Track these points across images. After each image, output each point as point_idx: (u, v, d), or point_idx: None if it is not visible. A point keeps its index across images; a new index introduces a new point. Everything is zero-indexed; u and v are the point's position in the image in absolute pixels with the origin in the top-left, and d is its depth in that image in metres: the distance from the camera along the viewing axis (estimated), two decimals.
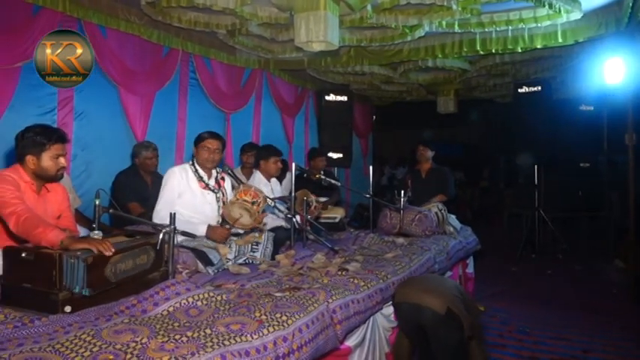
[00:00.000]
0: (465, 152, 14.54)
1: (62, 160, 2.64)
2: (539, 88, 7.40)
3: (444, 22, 5.18)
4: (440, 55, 6.11)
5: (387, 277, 3.09)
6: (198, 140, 3.50)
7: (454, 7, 4.73)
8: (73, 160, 4.56)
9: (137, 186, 4.41)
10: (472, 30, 5.38)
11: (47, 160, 2.58)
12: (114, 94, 4.96)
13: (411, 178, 5.70)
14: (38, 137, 2.56)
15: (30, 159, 2.57)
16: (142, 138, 5.06)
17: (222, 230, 3.31)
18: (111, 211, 2.76)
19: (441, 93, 8.98)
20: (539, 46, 5.50)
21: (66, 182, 3.83)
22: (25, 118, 3.91)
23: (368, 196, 4.61)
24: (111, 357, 1.67)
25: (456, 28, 5.31)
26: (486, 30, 5.36)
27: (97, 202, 2.63)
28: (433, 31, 5.50)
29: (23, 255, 2.19)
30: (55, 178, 2.68)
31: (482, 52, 5.85)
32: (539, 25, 5.11)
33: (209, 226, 3.31)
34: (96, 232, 2.44)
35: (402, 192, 4.48)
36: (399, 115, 11.83)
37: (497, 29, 5.32)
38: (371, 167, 4.98)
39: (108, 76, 4.82)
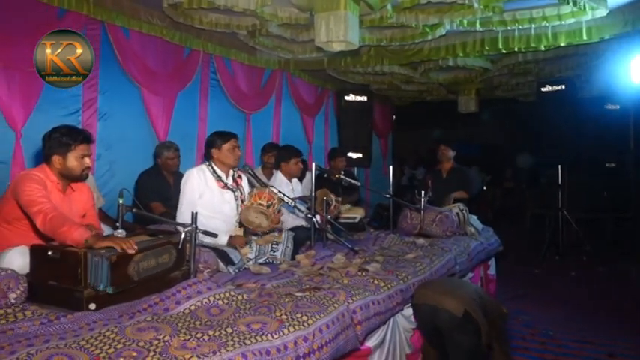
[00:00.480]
0: (483, 152, 14.36)
1: (87, 160, 2.69)
2: (564, 86, 7.27)
3: (465, 21, 5.12)
4: (461, 54, 6.05)
5: (407, 278, 3.07)
6: (222, 141, 3.47)
7: (476, 5, 4.68)
8: (97, 160, 4.65)
9: (159, 186, 4.47)
10: (494, 28, 5.31)
11: (73, 160, 2.64)
12: (137, 94, 5.04)
13: (431, 178, 5.66)
14: (64, 138, 2.61)
15: (56, 159, 2.62)
16: (164, 138, 5.13)
17: (242, 239, 3.35)
18: (134, 210, 2.81)
19: (461, 92, 8.89)
20: (563, 44, 5.40)
21: (90, 182, 3.90)
22: (51, 119, 3.99)
23: (388, 196, 4.59)
24: (134, 354, 1.69)
25: (478, 27, 5.25)
26: (509, 28, 5.29)
27: (121, 202, 2.68)
28: (454, 30, 5.45)
29: (49, 253, 2.24)
30: (81, 177, 2.73)
31: (504, 51, 5.77)
32: (563, 22, 5.02)
33: (230, 237, 3.33)
34: (119, 230, 2.48)
35: (423, 192, 4.44)
36: (419, 114, 11.74)
37: (520, 27, 5.24)
38: (391, 167, 4.95)
39: (131, 77, 4.90)
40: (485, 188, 11.77)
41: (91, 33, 4.53)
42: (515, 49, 5.68)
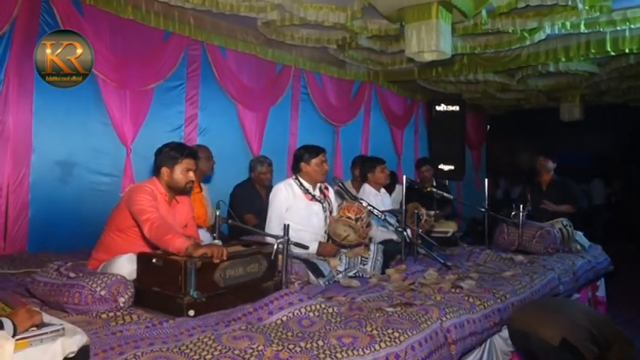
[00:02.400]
0: (592, 162, 13.32)
1: (191, 174, 2.86)
2: None
3: (567, 23, 4.84)
4: (563, 59, 5.74)
5: (505, 297, 2.92)
6: (311, 155, 3.50)
7: (580, 6, 4.39)
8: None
9: (252, 199, 4.63)
10: (601, 29, 4.97)
11: (179, 172, 2.82)
12: (233, 110, 5.30)
13: (530, 190, 5.35)
14: (172, 152, 2.82)
15: (165, 171, 2.82)
16: (258, 152, 5.33)
17: (332, 247, 3.36)
18: (230, 221, 2.93)
19: (564, 99, 8.43)
20: None
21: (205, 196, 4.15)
22: (157, 134, 4.30)
23: (483, 209, 4.40)
24: None
25: (582, 29, 4.93)
26: (618, 28, 4.93)
27: (217, 213, 2.82)
28: (555, 34, 5.16)
29: (153, 261, 2.41)
30: (185, 190, 2.91)
31: (613, 53, 5.40)
32: None
33: (320, 243, 3.36)
34: (216, 241, 2.60)
35: (521, 206, 4.21)
36: (515, 124, 11.22)
37: (632, 27, 4.84)
38: (486, 180, 4.75)
39: (227, 93, 5.16)
40: (612, 202, 10.90)
41: (192, 53, 4.86)
42: (626, 51, 5.28)
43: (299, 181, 3.54)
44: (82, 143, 4.17)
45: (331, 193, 3.70)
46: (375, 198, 4.29)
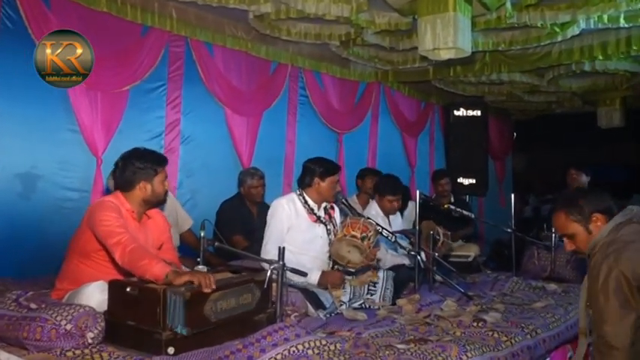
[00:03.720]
0: (630, 176, 13.32)
1: (167, 182, 2.94)
2: None
3: (605, 16, 4.89)
4: (600, 57, 5.79)
5: (536, 332, 2.92)
6: (327, 172, 3.49)
7: None
8: (179, 187, 4.93)
9: (242, 217, 4.63)
10: None
11: (158, 184, 2.87)
12: (220, 115, 5.32)
13: None
14: (147, 164, 2.84)
15: (143, 186, 2.83)
16: (249, 163, 5.34)
17: (337, 275, 3.35)
18: (216, 244, 2.94)
19: (602, 103, 8.47)
20: None
21: (172, 204, 4.16)
22: (133, 143, 4.25)
23: (509, 230, 4.40)
24: None
25: (622, 22, 4.98)
26: None
27: (202, 234, 2.82)
28: (590, 28, 5.20)
29: (128, 289, 2.40)
30: (163, 201, 2.99)
31: None
32: None
33: (323, 273, 3.35)
34: (200, 266, 2.60)
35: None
36: (545, 131, 11.24)
37: None
38: (512, 196, 4.76)
39: (214, 96, 5.19)
40: None
41: (174, 50, 4.89)
42: None
43: (304, 198, 3.54)
44: (47, 154, 4.17)
45: (337, 214, 3.70)
46: (383, 220, 4.29)
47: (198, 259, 2.87)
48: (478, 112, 8.26)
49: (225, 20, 5.24)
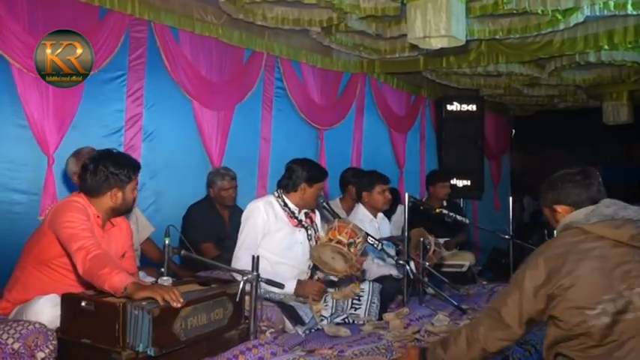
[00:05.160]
0: None
1: (137, 190, 2.99)
2: None
3: (611, 3, 4.96)
4: (606, 47, 5.86)
5: (535, 348, 2.97)
6: (315, 178, 3.54)
7: None
8: (141, 189, 4.85)
9: (211, 222, 4.62)
10: None
11: (130, 192, 2.90)
12: (187, 109, 5.28)
13: None
14: (124, 170, 2.84)
15: (114, 193, 2.83)
16: (219, 162, 5.32)
17: (316, 285, 3.36)
18: (182, 252, 2.93)
19: (608, 97, 8.58)
20: None
21: (133, 211, 4.13)
22: (89, 141, 4.26)
23: (507, 236, 4.45)
24: None
25: (630, 9, 5.05)
26: None
27: (167, 242, 2.82)
28: (595, 15, 5.27)
29: (83, 304, 2.38)
30: (131, 209, 3.06)
31: None
32: None
33: (299, 282, 3.35)
34: (164, 277, 2.58)
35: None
36: (547, 128, 11.37)
37: None
38: (510, 199, 4.82)
39: (181, 88, 5.15)
40: None
41: (136, 36, 4.85)
42: None
43: (283, 199, 3.55)
44: None
45: (317, 218, 3.72)
46: (371, 225, 4.32)
47: (162, 269, 2.85)
48: (473, 107, 8.33)
49: (193, 3, 5.21)
